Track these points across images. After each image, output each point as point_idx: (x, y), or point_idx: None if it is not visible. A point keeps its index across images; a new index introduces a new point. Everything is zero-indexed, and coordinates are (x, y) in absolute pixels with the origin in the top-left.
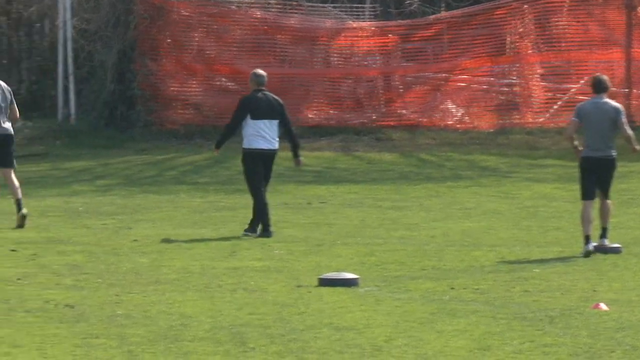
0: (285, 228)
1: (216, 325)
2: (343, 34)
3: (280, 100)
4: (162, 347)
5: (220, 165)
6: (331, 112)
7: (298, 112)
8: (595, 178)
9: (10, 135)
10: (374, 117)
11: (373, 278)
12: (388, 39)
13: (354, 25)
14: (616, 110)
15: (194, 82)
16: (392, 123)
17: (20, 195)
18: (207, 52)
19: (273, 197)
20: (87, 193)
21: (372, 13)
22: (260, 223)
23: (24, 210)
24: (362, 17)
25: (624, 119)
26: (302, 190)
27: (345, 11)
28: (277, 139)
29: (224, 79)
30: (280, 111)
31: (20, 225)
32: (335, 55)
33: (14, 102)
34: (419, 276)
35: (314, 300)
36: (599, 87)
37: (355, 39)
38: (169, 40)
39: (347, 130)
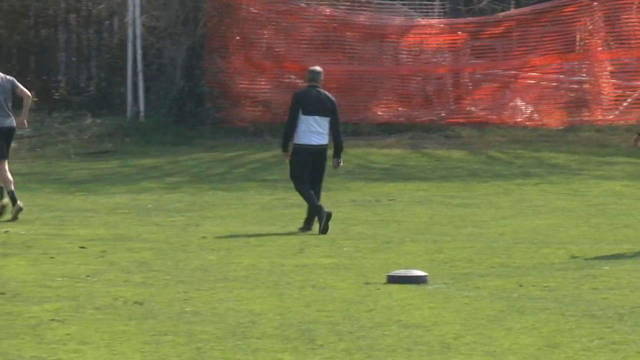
0: (354, 225)
1: (284, 322)
2: (412, 31)
3: (333, 98)
4: (230, 344)
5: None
6: (400, 109)
7: (367, 109)
8: None
9: (13, 127)
10: (443, 115)
11: (442, 275)
12: (457, 36)
13: (423, 22)
14: None
15: (263, 79)
16: (461, 120)
17: (12, 187)
18: (276, 49)
19: (342, 195)
20: (156, 190)
21: (441, 10)
22: (316, 216)
23: (20, 203)
24: (431, 14)
25: None
26: (370, 188)
27: (415, 8)
28: (327, 135)
29: (293, 76)
30: (331, 109)
31: (15, 217)
32: (404, 52)
33: (19, 86)
34: (488, 274)
35: (383, 297)
36: None
37: (424, 36)
38: (237, 38)
39: (416, 127)
